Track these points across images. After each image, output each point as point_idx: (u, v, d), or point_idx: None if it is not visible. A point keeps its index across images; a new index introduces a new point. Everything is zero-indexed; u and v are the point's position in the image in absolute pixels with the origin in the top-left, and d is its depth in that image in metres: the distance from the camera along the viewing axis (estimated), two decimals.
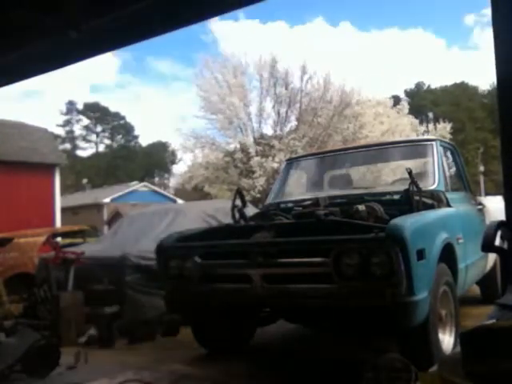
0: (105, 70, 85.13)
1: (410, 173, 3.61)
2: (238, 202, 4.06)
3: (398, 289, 2.84)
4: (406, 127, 19.94)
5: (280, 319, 4.15)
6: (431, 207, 3.81)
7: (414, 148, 4.85)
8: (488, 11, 2.63)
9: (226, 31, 55.16)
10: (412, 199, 3.62)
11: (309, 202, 4.13)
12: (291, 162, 5.40)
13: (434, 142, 4.42)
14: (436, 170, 4.14)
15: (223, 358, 4.08)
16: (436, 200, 3.93)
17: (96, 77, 76.81)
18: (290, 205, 4.40)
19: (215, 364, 3.95)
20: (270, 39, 39.02)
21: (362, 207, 3.48)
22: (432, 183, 4.06)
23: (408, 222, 3.07)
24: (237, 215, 4.04)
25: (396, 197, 3.91)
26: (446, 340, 3.44)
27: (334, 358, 4.03)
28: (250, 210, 5.07)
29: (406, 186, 3.67)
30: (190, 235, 3.91)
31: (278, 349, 4.51)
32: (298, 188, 5.41)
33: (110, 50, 4.35)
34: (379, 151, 5.10)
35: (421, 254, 2.97)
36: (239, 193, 4.11)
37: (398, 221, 3.03)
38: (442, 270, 3.39)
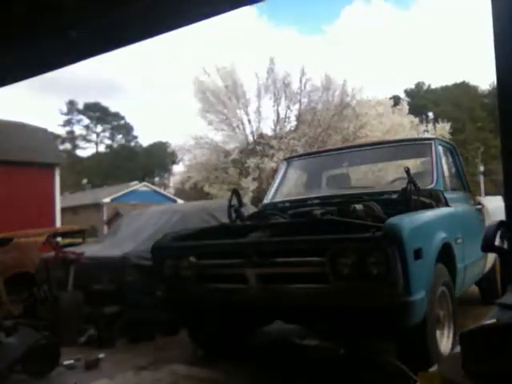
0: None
1: (407, 172, 3.60)
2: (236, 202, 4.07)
3: (395, 288, 2.83)
4: (407, 127, 19.90)
5: (277, 319, 4.14)
6: (429, 206, 3.79)
7: (413, 147, 4.84)
8: None
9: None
10: (410, 198, 3.60)
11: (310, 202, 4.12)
12: (289, 162, 5.38)
13: (432, 142, 4.41)
14: (434, 169, 4.13)
15: (223, 358, 4.08)
16: (434, 199, 3.91)
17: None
18: (287, 204, 4.39)
19: (215, 364, 3.95)
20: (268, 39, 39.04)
21: (359, 206, 3.46)
22: (430, 182, 4.05)
23: (405, 221, 3.05)
24: (233, 215, 4.05)
25: (394, 196, 3.88)
26: (444, 341, 3.43)
27: (332, 358, 4.03)
28: (251, 210, 5.07)
29: (404, 185, 3.65)
30: (185, 235, 3.89)
31: (277, 349, 4.51)
32: (295, 187, 5.39)
33: (110, 50, 4.34)
34: (378, 150, 5.06)
35: (418, 254, 2.95)
36: (236, 193, 4.11)
37: (395, 220, 3.02)
38: (440, 270, 3.38)
